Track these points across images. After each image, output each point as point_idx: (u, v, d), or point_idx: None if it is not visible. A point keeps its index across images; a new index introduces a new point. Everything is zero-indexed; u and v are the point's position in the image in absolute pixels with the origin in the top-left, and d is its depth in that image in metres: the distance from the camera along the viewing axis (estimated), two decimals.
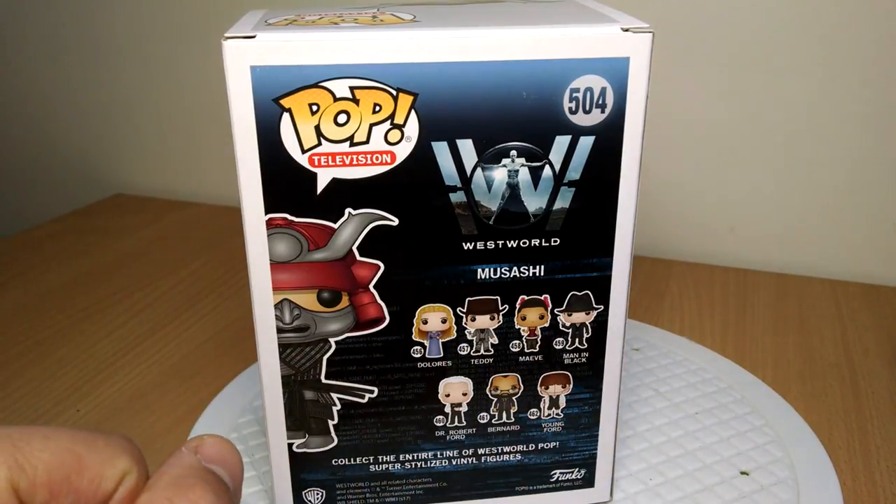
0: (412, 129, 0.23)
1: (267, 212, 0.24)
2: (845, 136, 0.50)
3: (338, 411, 0.27)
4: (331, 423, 0.27)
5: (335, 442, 0.27)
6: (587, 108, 0.24)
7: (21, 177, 0.78)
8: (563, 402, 0.28)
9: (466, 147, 0.24)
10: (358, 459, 0.28)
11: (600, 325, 0.27)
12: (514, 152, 0.24)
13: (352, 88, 0.22)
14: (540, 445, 0.29)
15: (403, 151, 0.23)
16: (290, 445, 0.27)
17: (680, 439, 0.34)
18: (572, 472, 0.30)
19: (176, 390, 0.40)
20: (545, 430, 0.29)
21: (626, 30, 0.23)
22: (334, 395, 0.27)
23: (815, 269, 0.53)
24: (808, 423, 0.36)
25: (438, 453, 0.28)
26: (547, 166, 0.24)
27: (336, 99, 0.23)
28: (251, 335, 0.45)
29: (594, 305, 0.27)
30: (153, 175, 0.72)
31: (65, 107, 0.73)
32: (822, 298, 0.48)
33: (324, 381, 0.26)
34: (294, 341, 0.26)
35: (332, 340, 0.26)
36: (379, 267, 0.25)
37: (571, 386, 0.28)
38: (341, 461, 0.28)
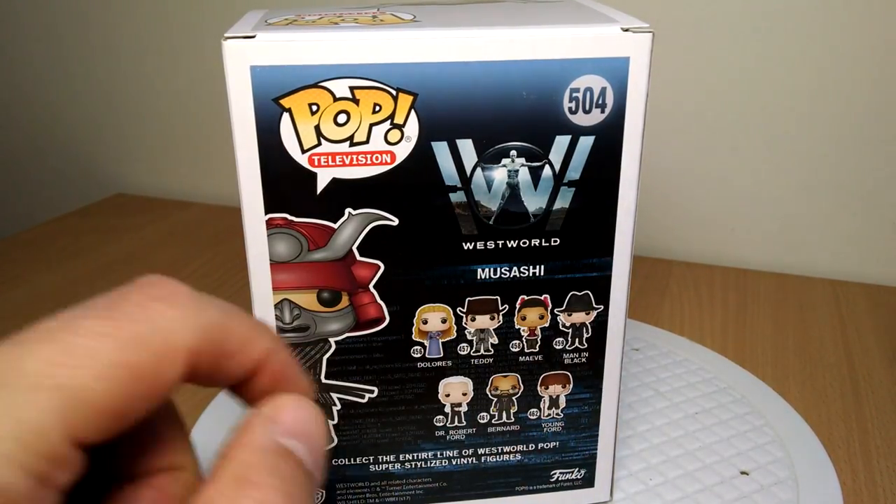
0: (412, 129, 0.23)
1: (267, 212, 0.24)
2: (845, 136, 0.50)
3: (338, 411, 0.27)
4: (331, 423, 0.27)
5: (335, 442, 0.27)
6: (587, 108, 0.24)
7: (22, 177, 0.78)
8: (563, 402, 0.28)
9: (466, 147, 0.24)
10: (358, 459, 0.28)
11: (600, 325, 0.27)
12: (514, 152, 0.24)
13: (352, 88, 0.22)
14: (540, 445, 0.29)
15: (403, 151, 0.23)
16: None
17: (680, 439, 0.34)
18: (572, 472, 0.30)
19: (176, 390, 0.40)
20: (545, 430, 0.29)
21: (626, 30, 0.23)
22: (334, 395, 0.27)
23: (815, 269, 0.53)
24: (808, 423, 0.36)
25: (438, 453, 0.28)
26: (547, 166, 0.24)
27: (336, 99, 0.23)
28: None
29: (594, 305, 0.27)
30: (154, 175, 0.72)
31: (66, 107, 0.73)
32: (822, 298, 0.48)
33: (324, 381, 0.26)
34: (294, 341, 0.26)
35: (332, 340, 0.26)
36: (379, 267, 0.25)
37: (571, 386, 0.28)
38: (341, 461, 0.28)
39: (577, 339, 0.27)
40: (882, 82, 0.48)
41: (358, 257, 0.25)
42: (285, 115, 0.23)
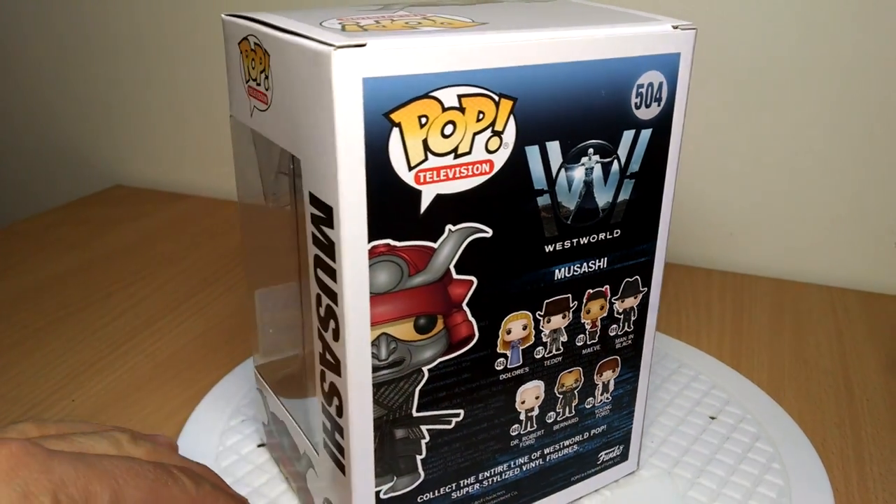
0: (510, 135, 0.22)
1: (370, 240, 0.21)
2: (845, 144, 0.50)
3: (426, 444, 0.25)
4: (419, 458, 0.25)
5: (422, 478, 0.26)
6: (648, 102, 0.25)
7: (20, 167, 0.75)
8: (612, 386, 0.30)
9: (554, 149, 0.24)
10: (441, 490, 0.26)
11: (643, 306, 0.29)
12: (591, 150, 0.24)
13: (459, 97, 0.21)
14: (592, 432, 0.30)
15: (501, 159, 0.23)
16: (377, 493, 0.25)
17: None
18: (613, 451, 0.31)
19: (170, 383, 0.38)
20: (597, 415, 0.30)
21: (676, 27, 0.25)
22: (423, 428, 0.25)
23: (812, 275, 0.53)
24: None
25: (512, 463, 0.28)
26: (615, 161, 0.25)
27: (444, 109, 0.21)
28: (245, 330, 0.44)
29: (641, 288, 0.28)
30: (152, 167, 0.70)
31: (65, 99, 0.70)
32: (818, 305, 0.48)
33: (415, 414, 0.24)
34: (389, 378, 0.23)
35: (424, 370, 0.24)
36: (472, 282, 0.24)
37: (619, 369, 0.29)
38: (426, 496, 0.26)
39: (626, 324, 0.29)
40: (884, 90, 0.48)
41: (454, 275, 0.23)
42: (394, 131, 0.20)
